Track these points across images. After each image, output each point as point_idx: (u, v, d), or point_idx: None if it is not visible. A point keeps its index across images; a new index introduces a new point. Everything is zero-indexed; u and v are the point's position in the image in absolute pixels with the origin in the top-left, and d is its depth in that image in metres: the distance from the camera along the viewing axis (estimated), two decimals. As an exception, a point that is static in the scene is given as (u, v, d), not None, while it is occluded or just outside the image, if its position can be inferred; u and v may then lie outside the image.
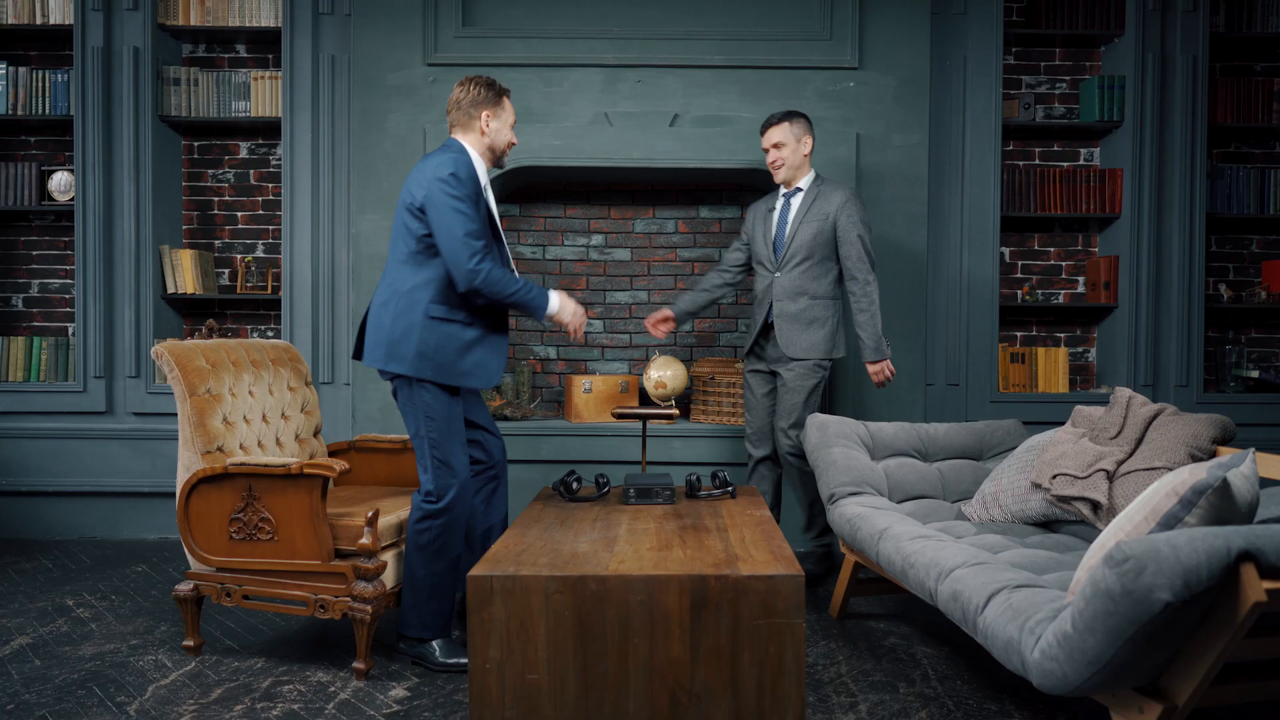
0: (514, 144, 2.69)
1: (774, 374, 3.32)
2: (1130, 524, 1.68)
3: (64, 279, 4.25)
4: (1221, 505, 1.59)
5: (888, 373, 3.19)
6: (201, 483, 2.48)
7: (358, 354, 2.62)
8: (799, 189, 3.26)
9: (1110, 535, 1.71)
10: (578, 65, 3.82)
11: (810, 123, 3.25)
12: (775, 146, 3.22)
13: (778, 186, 3.33)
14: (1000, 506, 2.71)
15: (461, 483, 2.50)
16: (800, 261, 3.20)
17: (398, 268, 2.50)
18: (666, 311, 3.43)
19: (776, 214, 3.29)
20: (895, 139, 3.83)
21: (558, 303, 2.60)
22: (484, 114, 2.58)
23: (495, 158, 2.65)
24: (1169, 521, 1.63)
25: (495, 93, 2.60)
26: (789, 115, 3.21)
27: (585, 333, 3.85)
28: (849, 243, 3.15)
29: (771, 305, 3.26)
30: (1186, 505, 1.60)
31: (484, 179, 2.58)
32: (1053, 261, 4.31)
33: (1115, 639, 1.48)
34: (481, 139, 2.59)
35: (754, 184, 4.10)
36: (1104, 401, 3.92)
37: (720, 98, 3.83)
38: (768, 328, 3.29)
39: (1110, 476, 2.41)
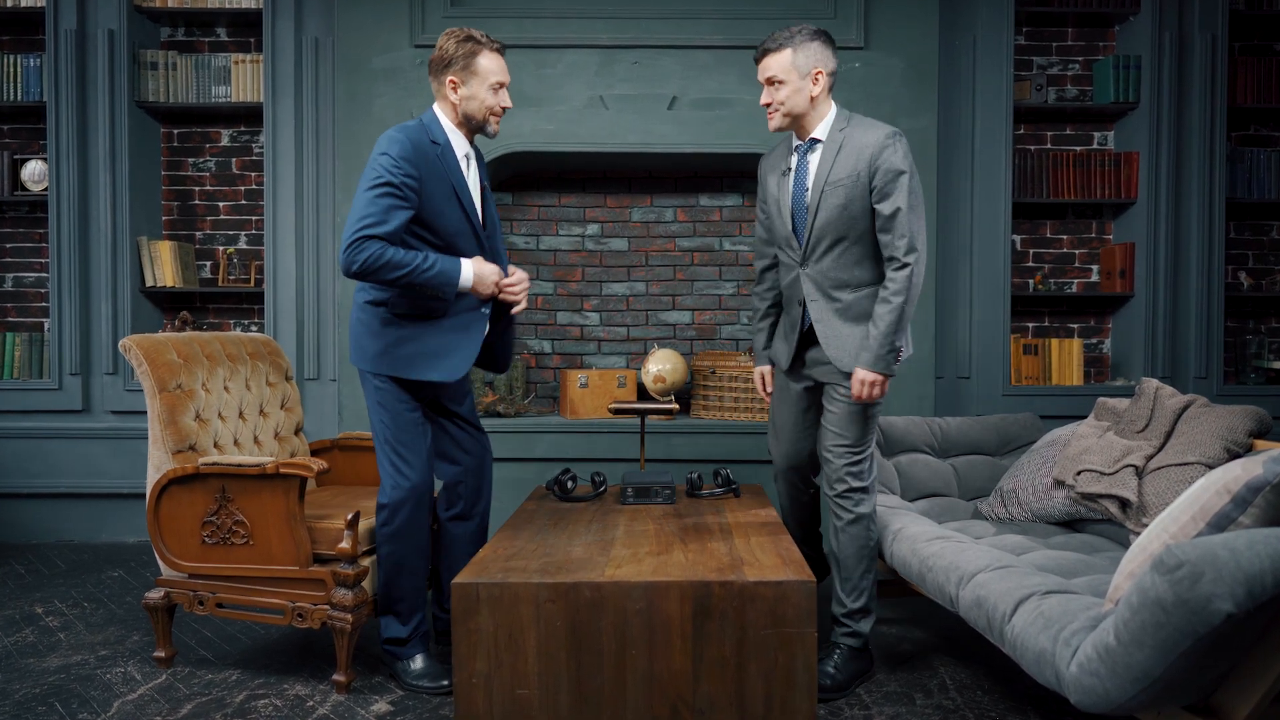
0: (502, 110, 2.30)
1: (820, 385, 2.46)
2: (1176, 524, 1.54)
3: (39, 272, 4.10)
4: (1280, 504, 1.44)
5: (875, 391, 2.25)
6: (172, 484, 2.34)
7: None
8: (815, 140, 2.31)
9: (1153, 537, 1.56)
10: (572, 46, 3.67)
11: (830, 42, 2.29)
12: (769, 83, 2.27)
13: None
14: (1020, 505, 2.56)
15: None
16: (831, 245, 2.29)
17: None
18: (765, 372, 2.71)
19: (793, 179, 2.36)
20: (902, 122, 3.67)
21: (471, 273, 2.23)
22: (448, 79, 2.26)
23: (474, 128, 2.32)
24: (1220, 522, 1.48)
25: (466, 51, 2.23)
26: (793, 38, 2.24)
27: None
28: (883, 209, 2.20)
29: (804, 307, 2.39)
30: (1241, 504, 1.46)
31: (460, 150, 2.31)
32: (1065, 249, 4.16)
33: (1167, 653, 1.34)
34: (453, 108, 2.29)
35: (755, 170, 3.94)
36: (1121, 394, 3.77)
37: (720, 79, 3.68)
38: (807, 334, 2.43)
39: (1139, 472, 2.26)
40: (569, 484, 2.68)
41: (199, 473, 2.29)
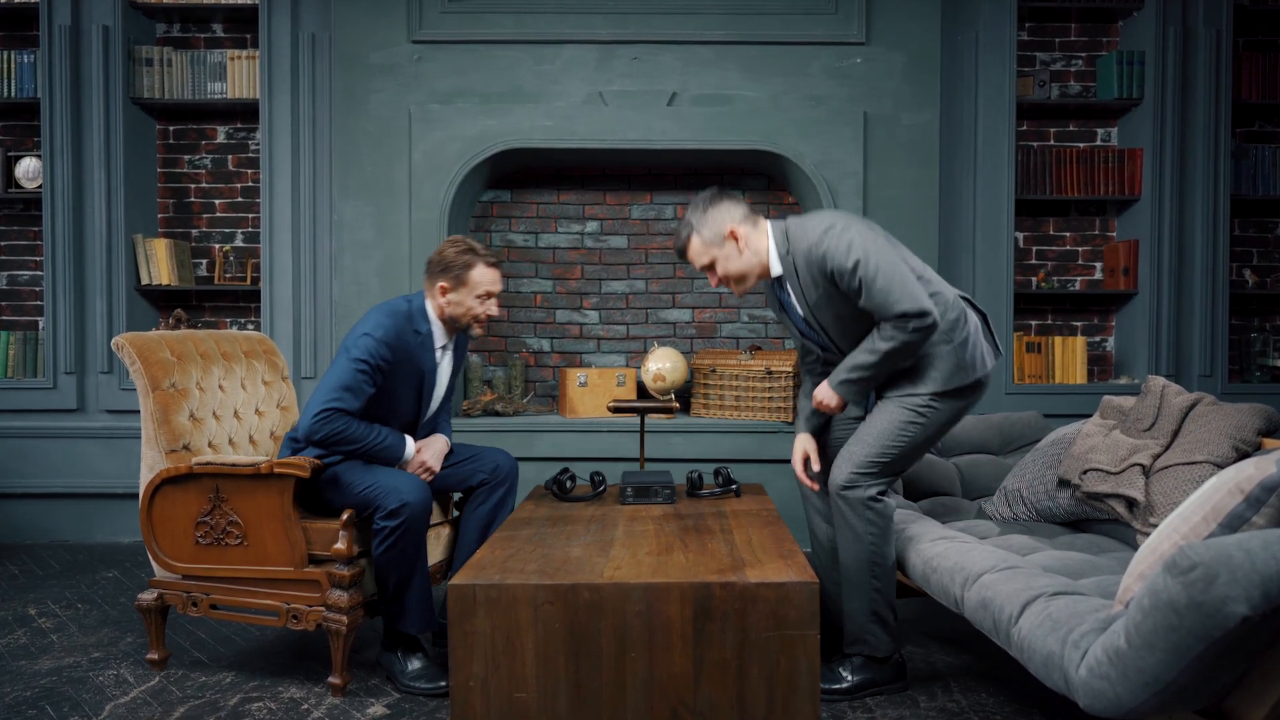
0: (486, 316, 2.41)
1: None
2: (1187, 525, 1.50)
3: (33, 270, 4.06)
4: (1294, 504, 1.41)
5: (830, 404, 2.31)
6: (165, 484, 2.30)
7: None
8: (778, 277, 2.31)
9: (1164, 538, 1.52)
10: (570, 42, 3.64)
11: (724, 196, 2.32)
12: (707, 269, 2.33)
13: (767, 212, 2.56)
14: (1025, 504, 2.53)
15: None
16: (856, 341, 2.27)
17: None
18: (808, 445, 2.48)
19: (790, 314, 2.38)
20: (904, 118, 3.65)
21: (412, 453, 2.43)
22: (439, 284, 2.37)
23: (457, 328, 2.44)
24: (1233, 522, 1.44)
25: (463, 263, 2.33)
26: (689, 224, 2.29)
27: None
28: (862, 303, 2.14)
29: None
30: (1254, 504, 1.42)
31: (439, 341, 2.45)
32: (1069, 247, 4.13)
33: (1180, 657, 1.30)
34: (440, 308, 2.41)
35: (756, 167, 3.91)
36: (1125, 392, 3.74)
37: (721, 75, 3.65)
38: None
39: (1146, 471, 2.23)
40: (568, 484, 2.65)
41: (192, 472, 2.26)
